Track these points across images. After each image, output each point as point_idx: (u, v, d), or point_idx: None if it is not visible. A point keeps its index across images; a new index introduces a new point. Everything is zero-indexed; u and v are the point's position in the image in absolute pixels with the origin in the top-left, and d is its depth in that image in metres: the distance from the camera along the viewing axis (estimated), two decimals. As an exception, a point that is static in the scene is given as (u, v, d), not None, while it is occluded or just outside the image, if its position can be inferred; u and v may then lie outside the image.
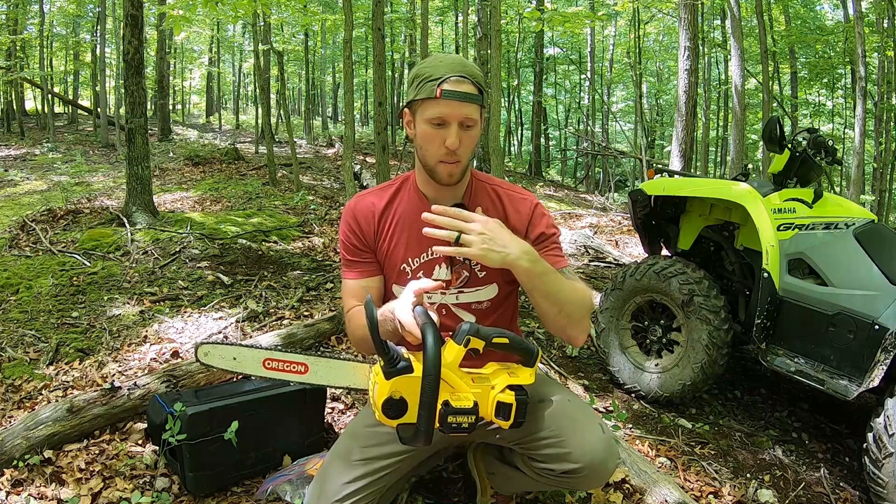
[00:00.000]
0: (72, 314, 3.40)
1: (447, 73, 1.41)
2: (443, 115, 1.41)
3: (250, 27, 12.10)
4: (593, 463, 1.42)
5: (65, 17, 17.29)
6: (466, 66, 1.45)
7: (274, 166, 8.65)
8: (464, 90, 1.41)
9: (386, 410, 1.25)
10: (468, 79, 1.42)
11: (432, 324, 1.24)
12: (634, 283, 3.02)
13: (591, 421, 1.50)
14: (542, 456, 1.47)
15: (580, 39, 18.12)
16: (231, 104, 27.44)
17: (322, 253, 5.06)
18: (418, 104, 1.45)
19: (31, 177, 9.22)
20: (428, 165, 1.49)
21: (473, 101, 1.43)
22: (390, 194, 1.62)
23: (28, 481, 1.92)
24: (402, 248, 1.59)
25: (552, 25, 8.59)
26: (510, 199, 1.61)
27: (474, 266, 1.58)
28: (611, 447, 1.46)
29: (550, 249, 1.58)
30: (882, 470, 2.12)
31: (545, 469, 1.48)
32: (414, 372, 1.25)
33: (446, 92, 1.40)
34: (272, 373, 1.36)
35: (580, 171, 18.26)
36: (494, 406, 1.34)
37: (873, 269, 2.48)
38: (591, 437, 1.44)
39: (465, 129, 1.44)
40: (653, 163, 12.63)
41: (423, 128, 1.45)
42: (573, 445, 1.42)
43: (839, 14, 14.53)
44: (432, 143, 1.45)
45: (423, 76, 1.44)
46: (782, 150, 2.83)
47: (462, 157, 1.46)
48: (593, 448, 1.43)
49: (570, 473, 1.44)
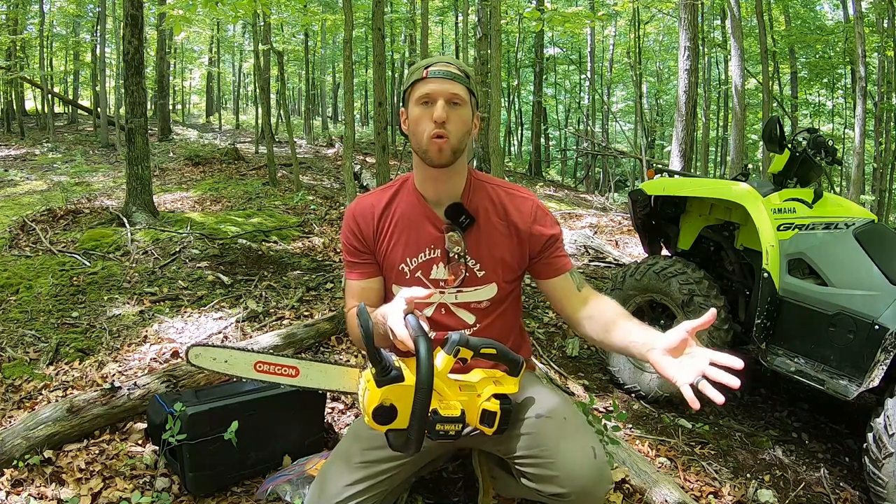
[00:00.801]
0: (72, 314, 3.40)
1: (434, 62, 1.51)
2: (429, 92, 1.46)
3: (250, 27, 12.12)
4: (582, 489, 1.38)
5: (65, 17, 17.29)
6: (454, 61, 1.53)
7: (274, 166, 8.65)
8: (449, 69, 1.48)
9: (376, 416, 1.27)
10: (453, 64, 1.51)
11: (425, 335, 1.25)
12: (634, 283, 3.02)
13: (584, 443, 1.44)
14: (531, 475, 1.45)
15: (580, 39, 18.12)
16: (231, 104, 27.44)
17: (322, 253, 5.06)
18: (409, 93, 1.51)
19: (31, 177, 9.22)
20: (420, 148, 1.50)
21: (459, 81, 1.48)
22: (389, 195, 1.63)
23: (28, 481, 1.92)
24: (401, 248, 1.59)
25: (552, 25, 8.59)
26: (511, 198, 1.60)
27: (473, 265, 1.58)
28: (602, 473, 1.41)
29: (557, 253, 1.61)
30: (882, 470, 2.12)
31: (534, 489, 1.46)
32: (405, 381, 1.27)
33: (432, 72, 1.48)
34: (263, 376, 1.37)
35: (580, 171, 18.25)
36: (480, 414, 1.39)
37: (873, 269, 2.48)
38: (580, 461, 1.39)
39: (453, 107, 1.47)
40: (653, 163, 12.63)
41: (414, 110, 1.49)
42: (561, 468, 1.39)
43: (839, 14, 14.54)
44: (421, 123, 1.48)
45: (413, 70, 1.54)
46: (782, 150, 2.83)
47: (451, 135, 1.47)
48: (582, 474, 1.38)
49: (558, 497, 1.41)
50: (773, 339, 2.67)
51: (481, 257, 1.58)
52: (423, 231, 1.58)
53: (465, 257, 1.57)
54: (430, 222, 1.58)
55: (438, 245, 1.57)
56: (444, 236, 1.56)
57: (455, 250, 1.56)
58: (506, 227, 1.58)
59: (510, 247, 1.58)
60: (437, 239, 1.57)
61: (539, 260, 1.60)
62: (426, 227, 1.58)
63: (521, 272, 1.64)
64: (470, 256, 1.57)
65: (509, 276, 1.61)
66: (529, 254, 1.60)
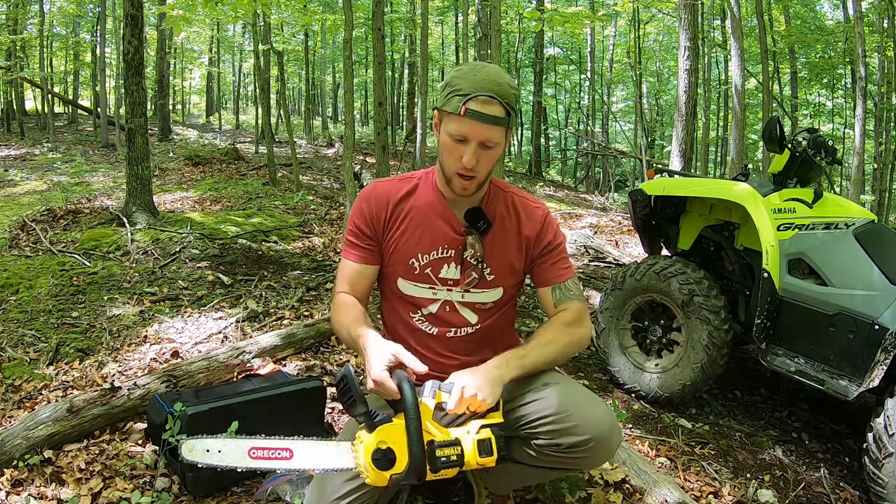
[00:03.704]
0: (72, 314, 3.40)
1: (476, 92, 1.38)
2: (463, 133, 1.42)
3: (250, 27, 12.11)
4: (601, 434, 1.43)
5: (65, 17, 17.30)
6: (499, 86, 1.40)
7: (274, 166, 8.65)
8: (489, 112, 1.39)
9: (376, 461, 1.28)
10: (497, 99, 1.39)
11: (407, 378, 1.31)
12: (634, 283, 3.02)
13: (594, 398, 1.55)
14: (548, 433, 1.46)
15: (580, 39, 18.11)
16: (231, 104, 27.43)
17: (322, 253, 5.06)
18: (444, 114, 1.46)
19: (31, 177, 9.22)
20: (446, 175, 1.53)
21: (497, 124, 1.42)
22: (409, 187, 1.63)
23: (28, 481, 1.92)
24: (414, 242, 1.60)
25: (552, 25, 8.58)
26: (524, 206, 1.65)
27: (484, 269, 1.60)
28: (615, 423, 1.50)
29: (557, 260, 1.64)
30: (882, 470, 2.12)
31: (550, 445, 1.46)
32: (394, 419, 1.32)
33: (470, 112, 1.39)
34: (259, 462, 1.36)
35: (580, 171, 18.24)
36: (475, 447, 1.37)
37: (873, 269, 2.48)
38: (596, 410, 1.47)
39: (485, 149, 1.45)
40: (653, 163, 12.62)
41: (445, 139, 1.47)
42: (580, 418, 1.44)
43: (839, 14, 14.54)
44: (451, 156, 1.47)
45: (453, 87, 1.42)
46: (782, 150, 2.83)
47: (478, 174, 1.48)
48: (600, 420, 1.45)
49: (577, 447, 1.43)
50: (773, 339, 2.66)
51: (493, 262, 1.61)
52: (439, 230, 1.59)
53: (482, 263, 1.59)
54: (446, 223, 1.60)
55: (453, 246, 1.59)
56: (462, 239, 1.59)
57: (472, 254, 1.59)
58: (517, 234, 1.63)
59: (518, 253, 1.63)
60: (452, 240, 1.59)
61: (534, 264, 1.66)
62: (442, 226, 1.59)
63: (524, 276, 1.70)
64: (484, 261, 1.60)
65: (515, 281, 1.66)
66: (531, 258, 1.65)
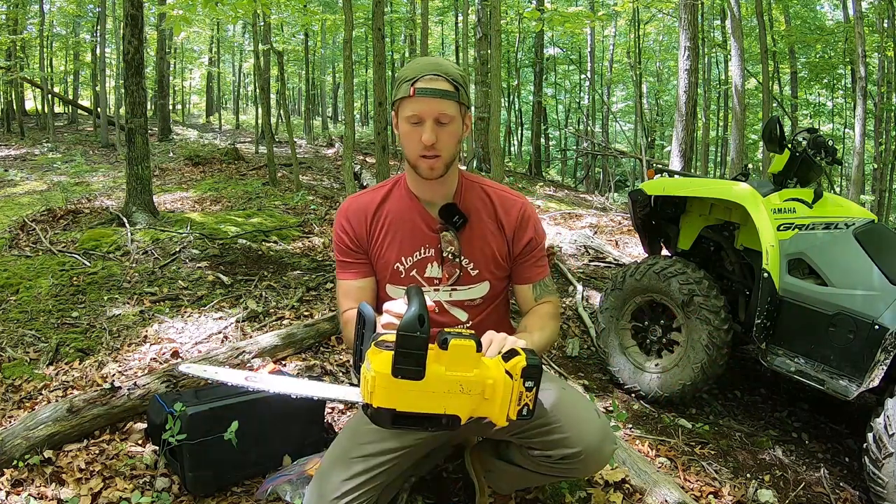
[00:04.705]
0: (72, 314, 3.40)
1: (421, 73, 1.45)
2: (417, 112, 1.45)
3: (250, 27, 12.11)
4: (590, 446, 1.45)
5: (65, 17, 17.30)
6: (441, 65, 1.48)
7: (274, 166, 8.65)
8: (437, 86, 1.44)
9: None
10: (442, 76, 1.46)
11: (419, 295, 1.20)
12: (634, 283, 3.02)
13: (587, 407, 1.55)
14: (540, 443, 1.49)
15: (580, 39, 18.11)
16: (231, 104, 27.42)
17: (322, 253, 5.06)
18: (398, 104, 1.50)
19: (30, 177, 9.22)
20: (411, 162, 1.53)
21: (447, 97, 1.45)
22: (382, 195, 1.65)
23: (28, 481, 1.92)
24: (396, 248, 1.61)
25: (552, 25, 8.57)
26: (501, 199, 1.64)
27: (466, 265, 1.61)
28: (607, 431, 1.51)
29: (534, 260, 1.66)
30: (882, 470, 2.12)
31: (543, 456, 1.50)
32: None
33: (419, 89, 1.44)
34: (251, 383, 1.36)
35: (580, 171, 18.23)
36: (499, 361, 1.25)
37: (873, 269, 2.48)
38: (587, 421, 1.49)
39: (442, 126, 1.47)
40: (653, 163, 12.62)
41: (403, 126, 1.49)
42: (570, 430, 1.46)
43: (839, 14, 14.53)
44: (411, 141, 1.49)
45: (400, 78, 1.49)
46: (782, 150, 2.83)
47: (441, 152, 1.49)
48: (590, 431, 1.47)
49: (568, 459, 1.46)
50: (773, 339, 2.66)
51: (474, 256, 1.62)
52: (417, 231, 1.61)
53: (460, 257, 1.60)
54: (423, 222, 1.61)
55: (432, 244, 1.60)
56: (437, 236, 1.59)
57: (449, 250, 1.59)
58: (496, 226, 1.63)
59: (500, 245, 1.63)
60: (430, 238, 1.60)
61: (516, 262, 1.67)
62: (420, 226, 1.61)
63: (509, 269, 1.70)
64: (464, 256, 1.60)
65: (500, 274, 1.67)
66: (513, 254, 1.66)
